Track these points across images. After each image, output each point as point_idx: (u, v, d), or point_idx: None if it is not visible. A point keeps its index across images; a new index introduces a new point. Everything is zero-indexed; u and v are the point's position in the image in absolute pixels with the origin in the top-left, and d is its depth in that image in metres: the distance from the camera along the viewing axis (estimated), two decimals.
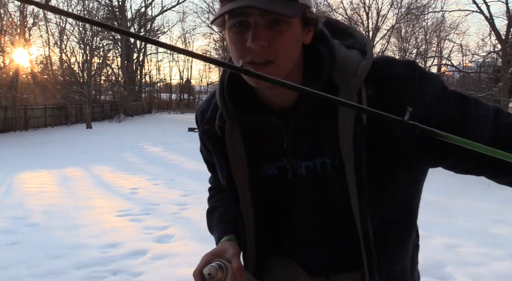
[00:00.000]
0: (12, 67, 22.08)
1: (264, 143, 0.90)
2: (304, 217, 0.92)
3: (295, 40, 0.76)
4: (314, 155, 0.85)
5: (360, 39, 0.84)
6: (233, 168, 0.91)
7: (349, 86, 0.78)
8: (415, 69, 0.80)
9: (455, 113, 0.78)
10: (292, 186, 0.90)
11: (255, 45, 0.72)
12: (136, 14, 35.17)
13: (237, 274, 0.84)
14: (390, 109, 0.74)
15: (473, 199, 7.79)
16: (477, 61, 20.04)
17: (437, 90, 0.78)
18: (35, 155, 11.43)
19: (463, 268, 3.11)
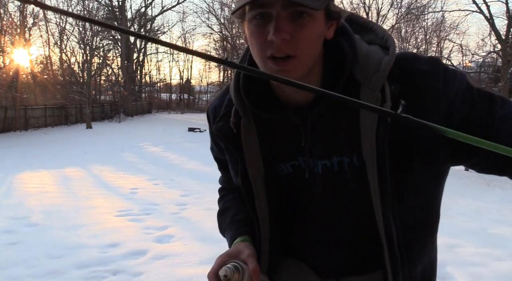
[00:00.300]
0: (12, 67, 22.09)
1: (279, 141, 0.88)
2: (318, 218, 0.90)
3: (317, 34, 0.73)
4: (332, 154, 0.83)
5: (381, 34, 0.82)
6: (248, 165, 0.88)
7: (371, 83, 0.75)
8: (439, 66, 0.77)
9: (480, 111, 0.75)
10: (308, 185, 0.87)
11: (276, 38, 0.69)
12: (136, 14, 35.20)
13: (253, 275, 0.81)
14: (413, 106, 0.72)
15: (473, 199, 7.79)
16: (477, 61, 20.04)
17: (461, 88, 0.76)
18: (35, 155, 11.44)
19: (463, 268, 3.11)
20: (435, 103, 0.75)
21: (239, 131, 0.86)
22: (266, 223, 0.91)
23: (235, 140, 0.87)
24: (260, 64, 0.75)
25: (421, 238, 0.85)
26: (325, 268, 0.94)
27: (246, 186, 0.89)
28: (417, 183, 0.80)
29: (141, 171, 8.71)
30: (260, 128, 0.87)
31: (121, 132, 19.62)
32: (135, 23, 35.14)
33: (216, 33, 38.32)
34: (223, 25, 37.02)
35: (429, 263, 0.88)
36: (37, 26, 27.93)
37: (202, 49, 48.23)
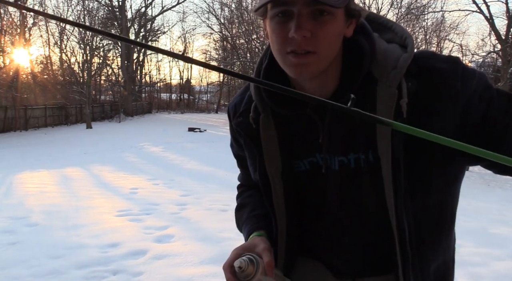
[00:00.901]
0: (12, 67, 22.09)
1: (297, 137, 0.89)
2: (335, 215, 0.90)
3: (338, 32, 0.75)
4: (348, 150, 0.84)
5: (400, 33, 0.83)
6: (267, 161, 0.89)
7: (388, 79, 0.76)
8: (458, 65, 0.78)
9: (497, 111, 0.75)
10: (324, 182, 0.88)
11: (298, 35, 0.71)
12: (136, 14, 35.18)
13: (268, 269, 0.81)
14: (429, 103, 0.75)
15: (473, 199, 7.78)
16: (477, 61, 20.03)
17: (480, 87, 0.76)
18: (35, 155, 11.44)
19: (463, 268, 3.11)
20: (452, 101, 0.75)
21: (258, 126, 0.88)
22: (283, 219, 0.92)
23: (254, 135, 0.89)
24: (280, 59, 0.77)
25: (435, 237, 0.84)
26: (340, 268, 0.94)
27: (264, 181, 0.91)
28: (431, 181, 0.80)
29: (141, 171, 8.71)
30: (278, 124, 0.88)
31: (121, 132, 19.62)
32: (135, 23, 35.14)
33: (216, 33, 38.33)
34: (223, 25, 37.01)
35: (444, 263, 0.87)
36: (37, 26, 27.93)
37: (202, 49, 48.26)
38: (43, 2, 28.59)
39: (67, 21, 0.38)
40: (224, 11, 36.76)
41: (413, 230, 0.80)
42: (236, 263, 0.80)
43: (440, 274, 0.87)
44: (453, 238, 0.91)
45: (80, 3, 27.34)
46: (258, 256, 0.84)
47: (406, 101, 0.74)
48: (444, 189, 0.83)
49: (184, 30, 61.05)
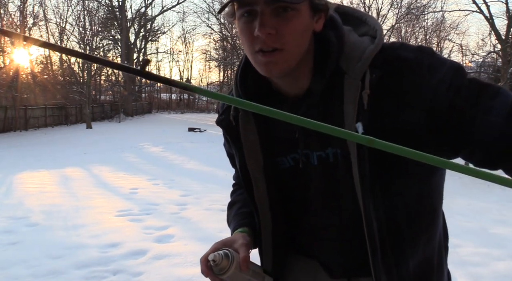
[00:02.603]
0: (12, 67, 22.08)
1: (279, 134, 0.90)
2: (318, 212, 0.90)
3: (303, 28, 0.75)
4: (326, 145, 0.83)
5: (372, 25, 0.82)
6: (247, 157, 0.90)
7: (354, 72, 0.76)
8: (427, 54, 0.76)
9: (464, 101, 0.72)
10: (306, 178, 0.89)
11: (262, 33, 0.72)
12: (136, 14, 35.17)
13: (242, 263, 0.83)
14: (394, 94, 0.74)
15: (473, 199, 7.78)
16: (477, 61, 20.03)
17: (448, 76, 0.74)
18: (35, 155, 11.43)
19: (463, 268, 3.11)
20: (417, 92, 0.73)
21: (238, 124, 0.89)
22: (268, 216, 0.92)
23: (234, 132, 0.91)
24: (251, 58, 0.79)
25: (412, 233, 0.82)
26: (333, 266, 0.93)
27: (245, 178, 0.92)
28: (404, 175, 0.78)
29: (141, 171, 8.70)
30: (259, 121, 0.89)
31: (121, 132, 19.62)
32: (135, 23, 35.14)
33: (216, 33, 38.30)
34: (223, 25, 36.99)
35: (426, 259, 0.85)
36: (37, 26, 27.96)
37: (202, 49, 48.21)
38: (43, 2, 28.62)
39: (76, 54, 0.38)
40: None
41: (384, 225, 0.79)
42: (210, 257, 0.83)
43: (422, 270, 0.85)
44: (437, 235, 0.88)
45: (80, 3, 27.35)
46: (235, 251, 0.86)
47: (368, 92, 0.74)
48: (419, 183, 0.81)
49: (184, 30, 61.03)
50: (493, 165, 0.73)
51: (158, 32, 39.62)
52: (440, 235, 0.90)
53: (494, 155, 0.71)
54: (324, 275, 0.95)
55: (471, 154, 0.74)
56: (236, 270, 0.83)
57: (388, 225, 0.79)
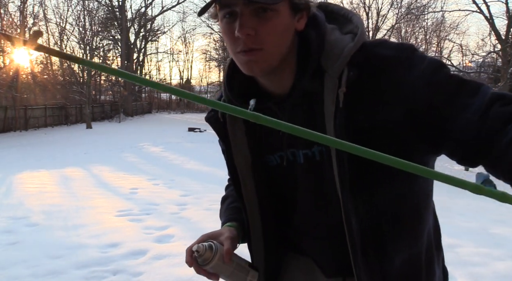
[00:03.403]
0: (12, 67, 22.07)
1: (266, 132, 0.90)
2: (307, 210, 0.91)
3: (283, 27, 0.76)
4: (312, 143, 0.83)
5: (356, 22, 0.82)
6: (235, 154, 0.91)
7: (333, 70, 0.76)
8: (406, 51, 0.76)
9: (443, 98, 0.71)
10: (293, 176, 0.89)
11: (241, 34, 0.73)
12: (136, 14, 35.16)
13: (225, 255, 0.85)
14: (372, 92, 0.74)
15: (473, 199, 7.77)
16: (477, 61, 20.03)
17: (427, 72, 0.73)
18: (35, 155, 11.44)
19: (463, 268, 3.11)
20: (395, 89, 0.73)
21: (225, 121, 0.90)
22: (256, 214, 0.93)
23: (223, 129, 0.92)
24: (234, 59, 0.80)
25: (395, 233, 0.81)
26: (323, 264, 0.94)
27: (233, 174, 0.93)
28: (384, 173, 0.76)
29: (141, 171, 8.71)
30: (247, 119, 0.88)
31: (121, 132, 19.62)
32: (135, 23, 35.13)
33: (216, 33, 38.27)
34: None
35: (413, 258, 0.84)
36: (37, 26, 27.92)
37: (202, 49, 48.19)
38: (43, 2, 28.62)
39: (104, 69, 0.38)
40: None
41: (365, 223, 0.78)
42: (194, 248, 0.85)
43: (408, 269, 0.84)
44: (425, 234, 0.86)
45: (80, 3, 27.34)
46: (220, 244, 0.88)
47: (343, 90, 0.74)
48: (401, 185, 0.80)
49: (184, 30, 60.99)
50: (472, 162, 0.72)
51: (158, 32, 39.63)
52: (429, 235, 0.88)
53: (472, 152, 0.70)
54: (319, 273, 0.95)
55: (452, 151, 0.73)
56: (219, 261, 0.86)
57: (370, 223, 0.79)
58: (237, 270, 0.90)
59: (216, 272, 0.87)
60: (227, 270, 0.88)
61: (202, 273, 0.86)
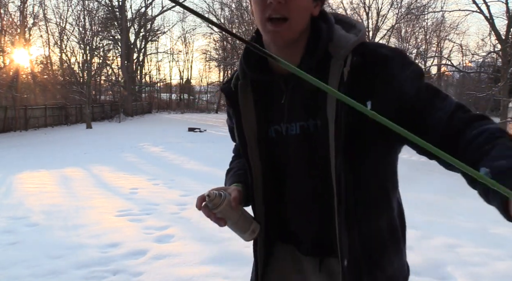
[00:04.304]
0: (12, 67, 22.07)
1: (270, 104, 1.03)
2: (298, 179, 1.02)
3: (306, 5, 0.93)
4: (308, 116, 0.97)
5: (359, 27, 0.99)
6: (244, 121, 1.04)
7: (339, 56, 0.92)
8: (399, 54, 0.93)
9: (423, 99, 0.90)
10: (288, 146, 1.01)
11: (274, 0, 0.88)
12: (136, 14, 35.14)
13: (233, 202, 0.96)
14: (370, 80, 0.90)
15: (473, 199, 7.75)
16: (477, 61, 20.04)
17: (412, 76, 0.91)
18: (35, 155, 11.44)
19: (463, 268, 3.11)
20: (388, 82, 0.89)
21: (237, 91, 1.04)
22: (260, 178, 1.06)
23: (234, 99, 1.05)
24: (261, 27, 0.95)
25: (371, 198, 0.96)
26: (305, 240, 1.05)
27: (241, 140, 1.05)
28: (366, 152, 0.93)
29: (141, 171, 8.71)
30: (255, 91, 1.04)
31: (121, 132, 19.62)
32: (135, 23, 35.11)
33: (216, 33, 38.27)
34: (223, 25, 36.97)
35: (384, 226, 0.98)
36: (37, 26, 27.93)
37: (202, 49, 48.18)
38: (43, 2, 28.61)
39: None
40: (224, 11, 36.68)
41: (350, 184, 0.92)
42: (206, 192, 0.96)
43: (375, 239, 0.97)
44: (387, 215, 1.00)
45: (80, 3, 27.32)
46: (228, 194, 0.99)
47: (348, 69, 0.90)
48: (375, 160, 0.95)
49: (184, 30, 60.94)
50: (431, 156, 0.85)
51: (158, 32, 39.61)
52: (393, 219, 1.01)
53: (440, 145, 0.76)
54: (299, 255, 1.08)
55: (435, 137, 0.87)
56: (226, 207, 0.96)
57: (354, 189, 0.92)
58: (242, 219, 1.00)
59: (224, 217, 0.97)
60: (234, 216, 0.98)
61: (211, 216, 0.97)
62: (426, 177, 10.56)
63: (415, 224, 4.77)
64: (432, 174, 11.32)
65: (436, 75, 29.00)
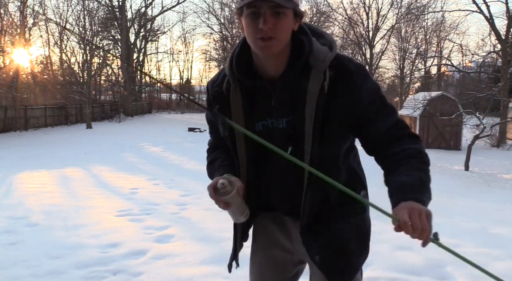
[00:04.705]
0: (12, 67, 22.07)
1: (257, 104, 1.26)
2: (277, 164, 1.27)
3: (289, 26, 1.15)
4: (292, 113, 1.22)
5: (329, 39, 1.25)
6: (234, 119, 1.25)
7: (318, 68, 1.17)
8: (363, 70, 1.22)
9: (373, 110, 1.20)
10: (272, 137, 1.23)
11: (265, 27, 1.10)
12: (136, 14, 35.12)
13: (240, 190, 1.18)
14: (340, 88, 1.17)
15: (473, 199, 7.78)
16: (477, 61, 20.03)
17: (370, 90, 1.20)
18: (35, 155, 11.44)
19: (463, 268, 3.10)
20: (352, 91, 1.18)
21: (229, 94, 1.26)
22: (244, 164, 1.31)
23: (226, 101, 1.27)
24: (252, 44, 1.17)
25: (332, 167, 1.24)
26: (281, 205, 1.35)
27: (231, 136, 1.28)
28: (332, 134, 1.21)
29: (141, 171, 8.71)
30: (244, 93, 1.26)
31: (121, 132, 19.62)
32: (135, 23, 35.10)
33: (216, 33, 38.25)
34: (223, 25, 36.95)
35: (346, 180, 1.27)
36: (37, 26, 27.92)
37: (202, 49, 48.14)
38: (43, 2, 28.61)
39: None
40: (224, 11, 36.67)
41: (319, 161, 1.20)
42: (220, 181, 1.14)
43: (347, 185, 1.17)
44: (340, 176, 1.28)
45: (80, 3, 27.32)
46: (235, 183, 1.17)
47: (327, 82, 1.17)
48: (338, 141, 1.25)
49: (184, 30, 60.95)
50: (371, 153, 1.25)
51: (158, 32, 39.60)
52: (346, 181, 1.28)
53: (372, 149, 1.24)
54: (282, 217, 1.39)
55: (363, 143, 1.26)
56: (235, 194, 1.15)
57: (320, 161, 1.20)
58: (242, 204, 1.20)
59: (230, 203, 1.16)
60: (237, 202, 1.17)
61: (220, 202, 1.18)
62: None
63: None
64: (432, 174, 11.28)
65: (436, 75, 28.99)
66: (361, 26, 30.67)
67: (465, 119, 15.51)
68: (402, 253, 3.29)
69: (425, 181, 1.10)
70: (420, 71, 33.93)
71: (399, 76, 33.29)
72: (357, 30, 30.26)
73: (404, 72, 33.33)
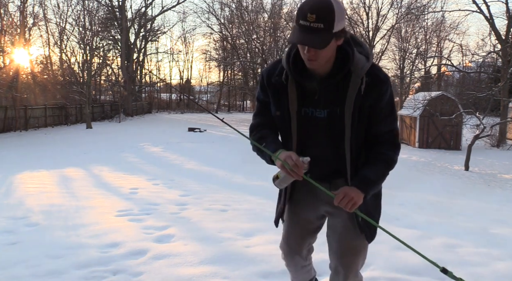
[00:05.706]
0: (12, 67, 22.08)
1: (304, 95, 1.67)
2: (320, 141, 1.71)
3: (330, 53, 1.55)
4: (334, 105, 1.63)
5: (366, 49, 1.65)
6: (290, 103, 1.67)
7: (358, 74, 1.58)
8: (388, 80, 1.63)
9: (384, 114, 1.67)
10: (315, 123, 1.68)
11: (308, 54, 1.51)
12: (136, 14, 35.11)
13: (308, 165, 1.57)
14: (370, 91, 1.60)
15: (473, 199, 7.78)
16: (477, 61, 20.01)
17: (389, 98, 1.65)
18: (35, 155, 11.44)
19: (463, 268, 3.10)
20: (378, 95, 1.62)
21: (287, 83, 1.66)
22: (295, 140, 1.71)
23: (284, 89, 1.68)
24: (303, 58, 1.56)
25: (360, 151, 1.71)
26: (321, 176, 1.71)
27: (287, 115, 1.69)
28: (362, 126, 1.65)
29: (141, 171, 8.71)
30: (298, 85, 1.66)
31: (121, 132, 19.62)
32: (135, 23, 35.08)
33: (216, 33, 38.28)
34: (223, 25, 36.95)
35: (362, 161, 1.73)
36: (37, 26, 27.95)
37: (202, 49, 48.17)
38: (43, 2, 28.59)
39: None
40: (224, 11, 36.71)
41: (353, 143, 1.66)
42: (306, 159, 1.55)
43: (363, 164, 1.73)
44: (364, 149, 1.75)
45: (80, 3, 27.31)
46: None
47: (364, 86, 1.59)
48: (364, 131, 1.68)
49: (184, 30, 60.96)
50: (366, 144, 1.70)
51: (158, 32, 39.60)
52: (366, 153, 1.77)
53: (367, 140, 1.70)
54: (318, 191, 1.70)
55: (368, 134, 1.68)
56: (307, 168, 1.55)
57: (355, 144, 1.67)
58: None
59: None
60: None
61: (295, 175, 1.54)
62: (426, 177, 10.56)
63: (415, 224, 4.77)
64: (433, 174, 11.33)
65: (436, 75, 28.99)
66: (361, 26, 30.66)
67: (465, 119, 15.50)
68: (402, 253, 3.29)
69: (378, 181, 1.67)
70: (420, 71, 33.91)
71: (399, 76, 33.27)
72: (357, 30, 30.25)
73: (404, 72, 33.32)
